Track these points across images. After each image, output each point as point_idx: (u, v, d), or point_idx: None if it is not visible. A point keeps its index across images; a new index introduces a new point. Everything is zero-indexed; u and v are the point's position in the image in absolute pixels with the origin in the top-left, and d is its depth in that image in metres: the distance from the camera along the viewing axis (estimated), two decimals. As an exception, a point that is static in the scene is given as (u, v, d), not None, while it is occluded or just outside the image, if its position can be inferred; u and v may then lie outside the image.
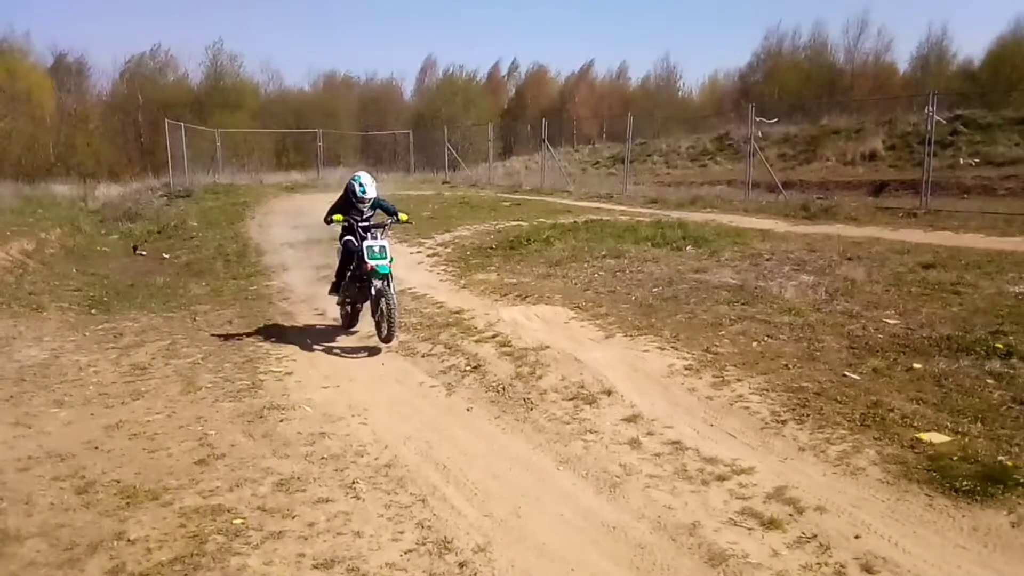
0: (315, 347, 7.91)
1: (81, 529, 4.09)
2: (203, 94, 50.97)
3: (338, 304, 8.57)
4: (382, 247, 7.57)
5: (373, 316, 7.66)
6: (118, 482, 4.67)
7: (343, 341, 8.25)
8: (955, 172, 20.38)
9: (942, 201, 15.93)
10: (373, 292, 7.50)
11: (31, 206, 20.05)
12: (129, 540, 3.97)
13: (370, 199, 7.81)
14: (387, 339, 7.53)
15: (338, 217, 7.85)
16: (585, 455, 5.05)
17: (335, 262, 8.40)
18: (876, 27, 59.20)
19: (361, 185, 7.77)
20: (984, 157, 21.56)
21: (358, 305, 8.32)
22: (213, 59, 52.73)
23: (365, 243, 7.56)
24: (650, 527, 4.13)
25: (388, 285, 7.47)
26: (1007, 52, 44.61)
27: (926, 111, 16.25)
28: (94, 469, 4.87)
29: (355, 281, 7.91)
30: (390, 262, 7.61)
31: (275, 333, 8.52)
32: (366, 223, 7.83)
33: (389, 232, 7.98)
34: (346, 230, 8.03)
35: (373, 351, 7.70)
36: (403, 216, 8.13)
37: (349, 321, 8.51)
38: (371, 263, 7.42)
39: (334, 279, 8.40)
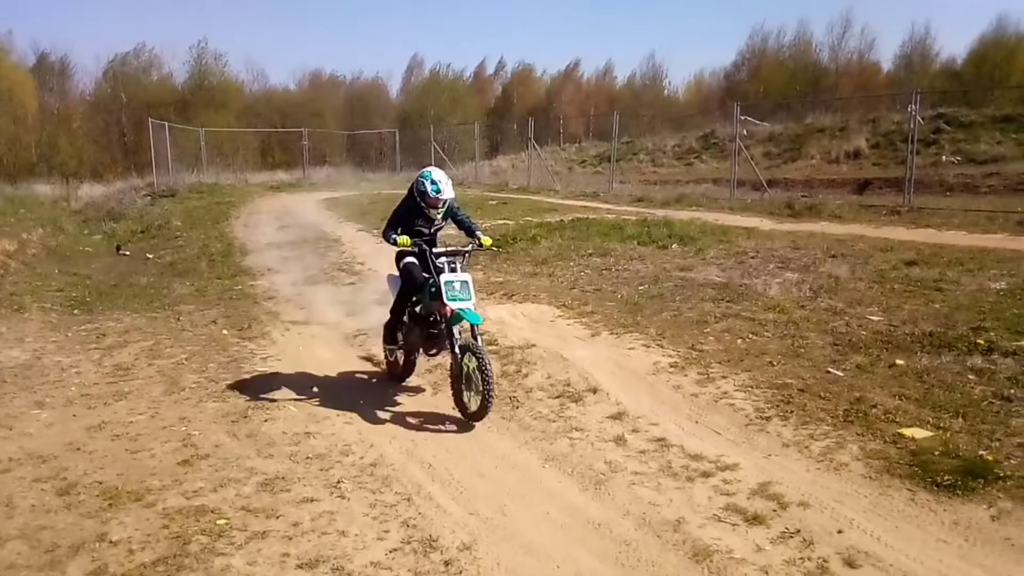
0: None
1: (63, 531, 4.06)
2: (187, 93, 50.64)
3: (386, 349, 6.71)
4: (464, 283, 5.73)
5: (454, 382, 5.70)
6: (100, 483, 4.63)
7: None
8: (938, 170, 20.55)
9: (925, 199, 16.07)
10: (455, 348, 5.66)
11: (13, 206, 19.87)
12: (111, 541, 3.94)
13: (446, 200, 6.01)
14: (479, 415, 5.50)
15: (405, 240, 5.88)
16: (571, 453, 5.06)
17: (322, 262, 8.24)
18: (860, 26, 59.66)
19: (434, 182, 5.94)
20: (966, 155, 21.76)
21: (415, 356, 6.54)
22: (197, 58, 52.43)
23: (443, 277, 5.69)
24: (635, 524, 4.14)
25: (477, 338, 5.74)
26: (989, 51, 45.11)
27: (909, 110, 16.40)
28: (76, 470, 4.83)
29: (422, 326, 6.13)
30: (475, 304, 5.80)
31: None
32: (443, 250, 5.97)
33: (469, 260, 6.13)
34: (406, 251, 6.16)
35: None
36: (486, 240, 6.25)
37: (401, 371, 6.63)
38: (452, 305, 5.64)
39: (388, 320, 6.47)
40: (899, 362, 6.25)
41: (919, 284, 8.37)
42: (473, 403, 5.52)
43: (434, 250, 5.92)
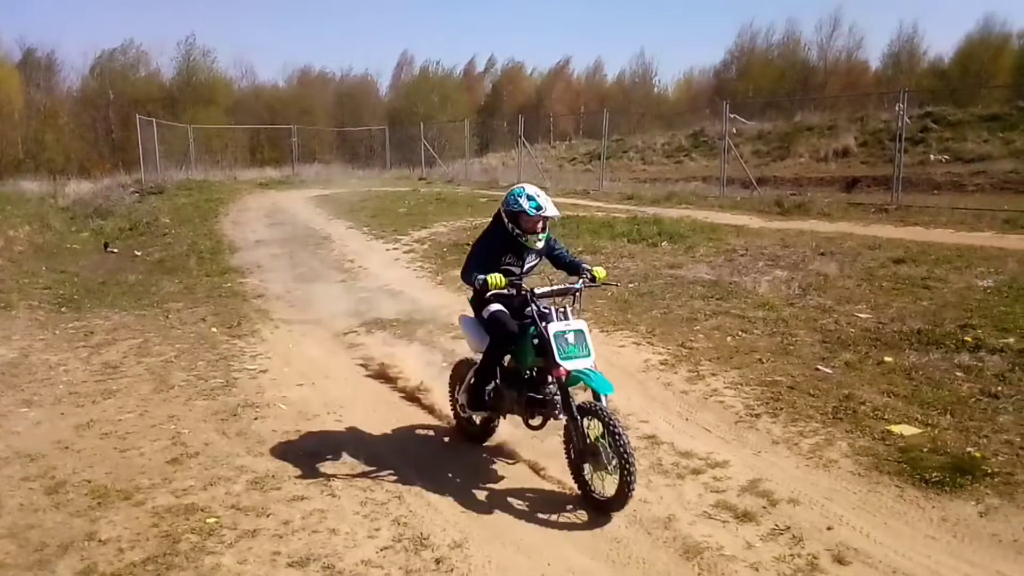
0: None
1: (51, 530, 4.03)
2: (175, 89, 50.28)
3: (460, 408, 5.37)
4: (579, 334, 4.45)
5: (574, 458, 4.40)
6: (89, 482, 4.60)
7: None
8: (925, 168, 20.67)
9: (913, 197, 16.16)
10: (573, 413, 4.35)
11: (-1, 203, 19.69)
12: (100, 540, 3.92)
13: (548, 218, 4.74)
14: (617, 501, 4.16)
15: (498, 280, 4.51)
16: (561, 451, 5.06)
17: (312, 260, 8.17)
18: (848, 25, 59.95)
19: (530, 197, 4.67)
20: (954, 153, 21.89)
21: (499, 419, 5.23)
22: (185, 54, 52.02)
23: (552, 328, 4.38)
24: (625, 521, 4.15)
25: (601, 398, 4.34)
26: (976, 50, 45.42)
27: (897, 108, 16.49)
28: (64, 469, 4.80)
29: (519, 387, 4.76)
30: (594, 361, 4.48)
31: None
32: (548, 289, 4.69)
33: (580, 304, 4.80)
34: (485, 292, 4.68)
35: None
36: (599, 272, 4.79)
37: (479, 431, 5.33)
38: (567, 366, 4.33)
39: (471, 381, 5.05)
40: (887, 359, 6.29)
41: (907, 282, 8.42)
42: (604, 484, 4.24)
43: (536, 290, 4.60)
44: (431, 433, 5.55)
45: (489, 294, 4.63)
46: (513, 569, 3.74)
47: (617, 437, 4.07)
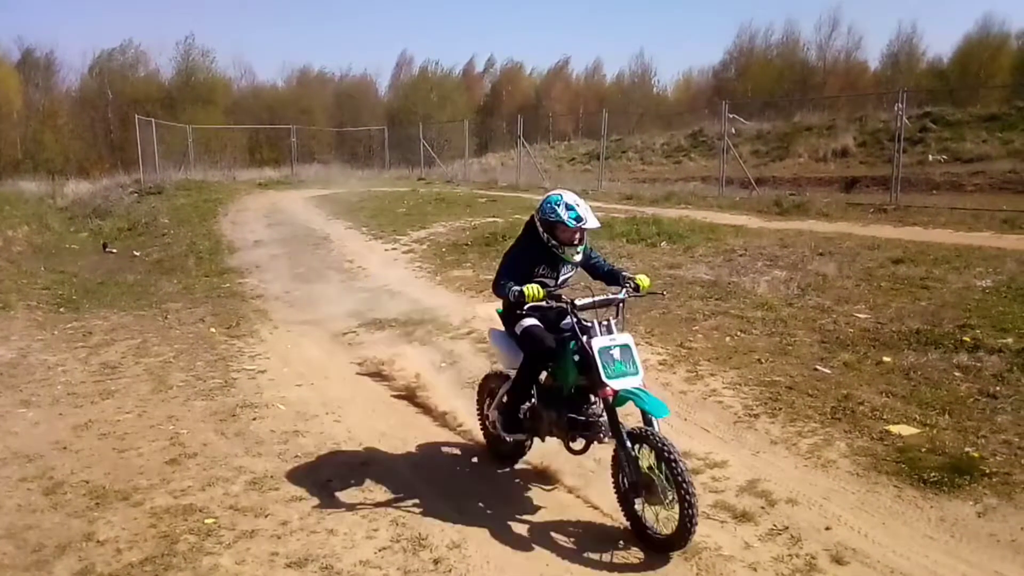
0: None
1: (49, 530, 4.03)
2: (174, 89, 50.19)
3: (489, 425, 4.96)
4: (626, 349, 4.06)
5: (626, 491, 3.97)
6: (87, 482, 4.60)
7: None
8: (924, 168, 20.66)
9: (912, 197, 16.15)
10: (623, 438, 3.93)
11: (-2, 203, 19.67)
12: (98, 541, 3.92)
13: (589, 229, 4.35)
14: (677, 541, 3.73)
15: (535, 292, 4.10)
16: (559, 450, 5.06)
17: (311, 260, 8.15)
18: (847, 25, 59.96)
19: (569, 207, 4.28)
20: (952, 154, 21.88)
21: (530, 441, 4.83)
22: (184, 54, 51.92)
23: (595, 343, 4.01)
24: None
25: (653, 423, 3.93)
26: (975, 50, 45.42)
27: (896, 108, 16.47)
28: (62, 469, 4.80)
29: (558, 407, 4.38)
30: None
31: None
32: (589, 301, 4.25)
33: (625, 317, 4.37)
34: (518, 305, 4.29)
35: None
36: (643, 280, 4.45)
37: (510, 452, 4.93)
38: (614, 385, 3.95)
39: (504, 401, 4.71)
40: (886, 359, 6.29)
41: (906, 282, 8.41)
42: (660, 520, 3.82)
43: (577, 301, 4.20)
44: (431, 433, 5.54)
45: (526, 307, 4.23)
46: (511, 569, 3.74)
47: (674, 467, 3.64)
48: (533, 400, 4.57)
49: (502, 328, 4.77)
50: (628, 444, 3.92)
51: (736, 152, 21.02)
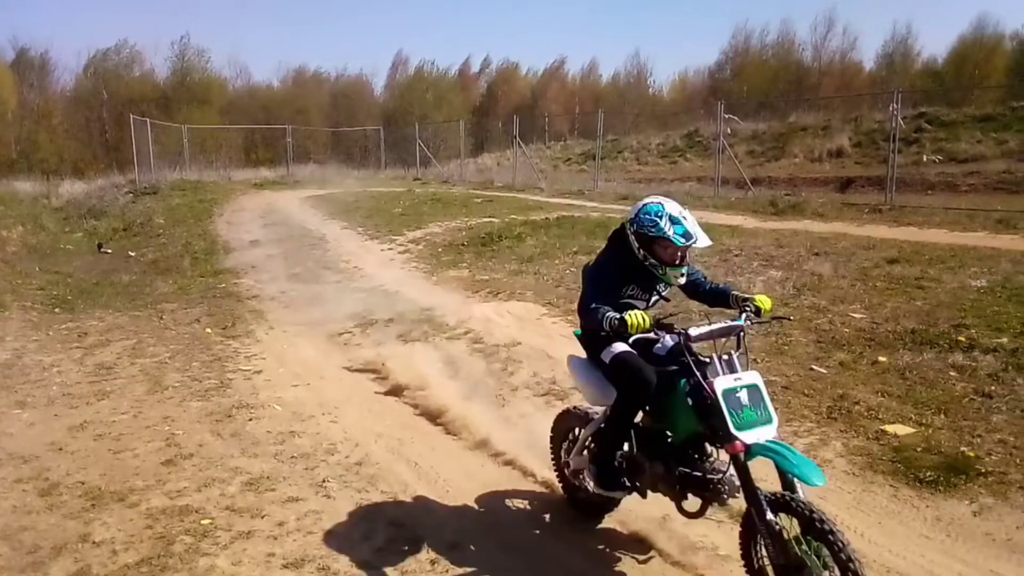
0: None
1: (45, 532, 4.02)
2: (170, 89, 50.15)
3: (570, 474, 4.28)
4: (754, 390, 3.33)
5: (766, 570, 3.24)
6: (83, 483, 4.59)
7: None
8: (919, 169, 20.74)
9: (907, 197, 16.20)
10: (761, 505, 3.15)
11: (-8, 203, 19.62)
12: (94, 542, 3.91)
13: (700, 246, 3.64)
14: None
15: (639, 320, 3.40)
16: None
17: (306, 260, 8.11)
18: (842, 26, 60.01)
19: (675, 220, 3.59)
20: (947, 154, 21.97)
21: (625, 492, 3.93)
22: (180, 54, 51.92)
23: (718, 383, 3.27)
24: (618, 521, 4.15)
25: (797, 488, 3.18)
26: (969, 51, 45.63)
27: (891, 109, 16.49)
28: (58, 471, 4.79)
29: (667, 459, 3.62)
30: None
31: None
32: (706, 330, 3.45)
33: (745, 348, 3.56)
34: (621, 335, 3.63)
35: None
36: (764, 301, 3.67)
37: (599, 501, 4.11)
38: (745, 438, 3.22)
39: (592, 447, 4.02)
40: (881, 359, 6.31)
41: (901, 282, 8.43)
42: None
43: (691, 330, 3.42)
44: (425, 433, 5.53)
45: (631, 339, 3.61)
46: (508, 569, 3.74)
47: (836, 545, 2.89)
48: (633, 447, 3.82)
49: (582, 354, 4.04)
50: (770, 514, 3.11)
51: (732, 152, 21.05)
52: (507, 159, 30.57)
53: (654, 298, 3.87)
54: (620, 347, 3.72)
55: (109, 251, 14.80)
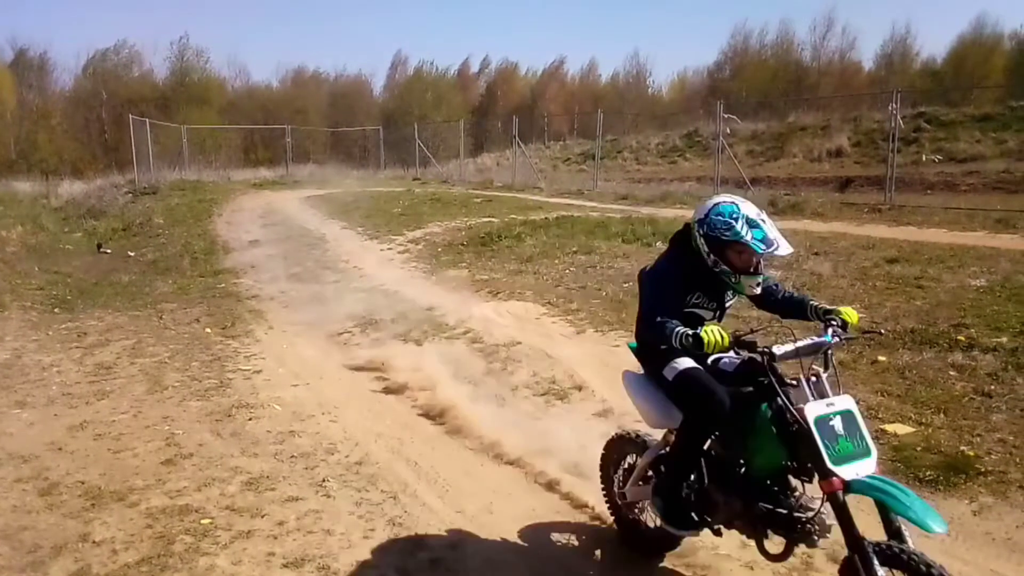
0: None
1: (45, 531, 4.02)
2: (169, 90, 50.14)
3: (626, 509, 3.89)
4: (848, 416, 2.91)
5: None
6: (83, 483, 4.59)
7: None
8: (918, 168, 20.75)
9: (906, 197, 16.21)
10: (866, 555, 2.73)
11: (-9, 204, 19.62)
12: (94, 542, 3.91)
13: (782, 253, 3.16)
14: None
15: (716, 336, 2.95)
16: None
17: (306, 260, 8.11)
18: (841, 25, 60.07)
19: (752, 223, 3.16)
20: (946, 154, 21.98)
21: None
22: (179, 54, 51.94)
23: (810, 409, 2.86)
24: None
25: (905, 538, 2.80)
26: (968, 51, 45.64)
27: (890, 109, 16.51)
28: (58, 470, 4.78)
29: (743, 493, 3.18)
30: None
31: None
32: (792, 347, 3.07)
33: (834, 367, 3.13)
34: (699, 353, 3.16)
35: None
36: (850, 314, 3.30)
37: (659, 536, 3.70)
38: (843, 473, 2.81)
39: (660, 480, 3.54)
40: (881, 359, 6.31)
41: (900, 281, 8.43)
42: None
43: (775, 349, 3.01)
44: (425, 432, 5.53)
45: (710, 360, 3.18)
46: (508, 569, 3.74)
47: None
48: (704, 479, 3.35)
49: (639, 369, 3.64)
50: (876, 565, 2.68)
51: (731, 152, 21.06)
52: (506, 159, 30.58)
53: (720, 309, 3.45)
54: (686, 362, 3.31)
55: (108, 251, 14.80)
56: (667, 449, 3.56)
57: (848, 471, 2.79)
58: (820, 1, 73.72)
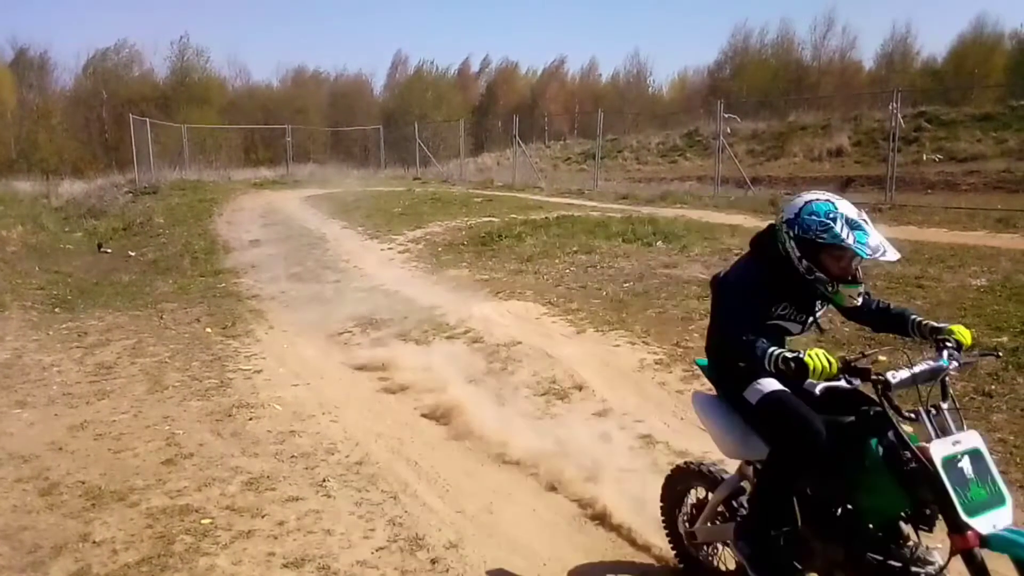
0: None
1: (45, 531, 4.02)
2: (169, 89, 50.14)
3: (694, 551, 3.52)
4: (976, 456, 2.51)
5: None
6: (83, 483, 4.59)
7: None
8: (919, 168, 20.76)
9: (906, 196, 16.22)
10: None
11: (-8, 203, 19.63)
12: (94, 542, 3.90)
13: (889, 259, 2.72)
14: None
15: (821, 361, 2.56)
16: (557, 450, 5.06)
17: (306, 260, 8.08)
18: (841, 25, 60.01)
19: (853, 224, 2.72)
20: (947, 153, 22.00)
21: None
22: (179, 54, 51.94)
23: (936, 448, 2.44)
24: (621, 521, 4.15)
25: None
26: (969, 50, 45.62)
27: (891, 108, 16.52)
28: (58, 470, 4.78)
29: (846, 540, 2.68)
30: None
31: None
32: (907, 374, 2.69)
33: (953, 395, 2.73)
34: (801, 380, 2.69)
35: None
36: (965, 334, 2.84)
37: None
38: (978, 526, 2.34)
39: (746, 522, 3.05)
40: (882, 359, 6.30)
41: (901, 281, 8.43)
42: None
43: (889, 376, 2.65)
44: (425, 433, 5.53)
45: (819, 388, 2.58)
46: (509, 569, 3.74)
47: None
48: (798, 520, 2.85)
49: (712, 391, 3.27)
50: None
51: (731, 151, 21.08)
52: (507, 158, 30.59)
53: (807, 324, 3.01)
54: (771, 384, 2.84)
55: (109, 251, 14.81)
56: (744, 483, 3.18)
57: (984, 523, 2.35)
58: (820, 0, 73.59)
